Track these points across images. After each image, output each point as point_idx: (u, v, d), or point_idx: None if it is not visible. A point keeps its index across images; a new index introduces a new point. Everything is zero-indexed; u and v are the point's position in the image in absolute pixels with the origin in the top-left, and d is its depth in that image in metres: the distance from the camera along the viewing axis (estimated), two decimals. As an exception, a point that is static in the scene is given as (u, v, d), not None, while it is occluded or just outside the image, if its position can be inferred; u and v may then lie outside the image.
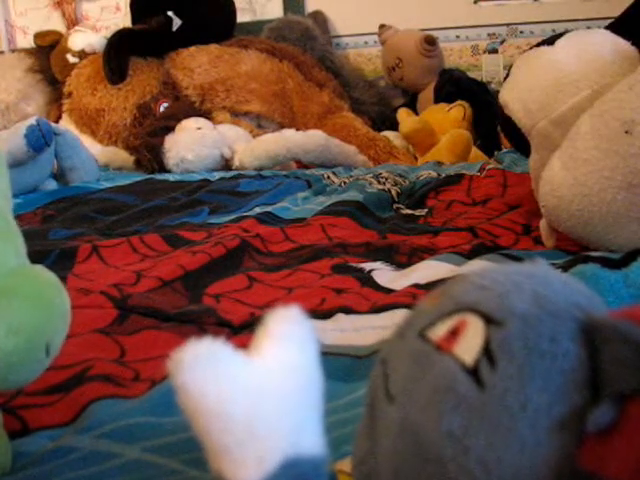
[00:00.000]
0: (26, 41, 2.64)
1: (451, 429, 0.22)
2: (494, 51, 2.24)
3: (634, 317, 0.22)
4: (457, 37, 2.26)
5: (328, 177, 1.43)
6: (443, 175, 1.31)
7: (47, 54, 2.23)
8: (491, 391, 0.22)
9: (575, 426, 0.21)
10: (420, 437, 0.23)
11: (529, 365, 0.22)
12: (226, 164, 1.70)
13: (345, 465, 0.31)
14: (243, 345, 0.24)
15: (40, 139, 1.31)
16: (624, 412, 0.20)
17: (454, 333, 0.23)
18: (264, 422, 0.21)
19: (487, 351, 0.22)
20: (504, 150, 1.65)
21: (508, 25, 2.21)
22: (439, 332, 0.24)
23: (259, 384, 0.21)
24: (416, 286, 0.71)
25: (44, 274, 0.39)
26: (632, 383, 0.20)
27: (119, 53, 1.98)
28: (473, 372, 0.22)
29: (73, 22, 2.60)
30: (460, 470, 0.22)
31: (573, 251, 0.79)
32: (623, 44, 0.84)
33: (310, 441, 0.22)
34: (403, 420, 0.24)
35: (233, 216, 1.10)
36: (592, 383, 0.22)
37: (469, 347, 0.23)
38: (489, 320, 0.23)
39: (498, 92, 0.97)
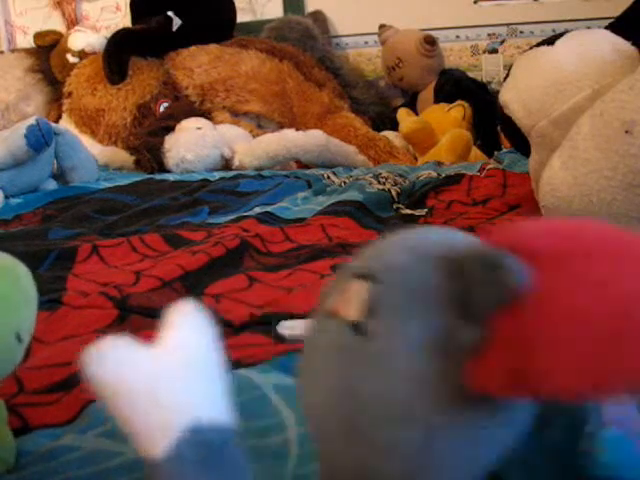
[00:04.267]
0: (26, 41, 2.64)
1: (345, 378, 0.24)
2: (494, 51, 2.24)
3: (498, 242, 0.23)
4: (457, 37, 2.26)
5: (328, 177, 1.43)
6: (443, 175, 1.31)
7: (47, 54, 2.23)
8: (375, 336, 0.24)
9: (454, 349, 0.23)
10: (332, 396, 0.25)
11: (404, 307, 0.24)
12: (226, 164, 1.70)
13: None
14: (244, 344, 0.24)
15: (40, 139, 1.31)
16: (490, 329, 0.22)
17: (343, 300, 0.26)
18: (164, 395, 0.23)
19: (369, 305, 0.25)
20: (504, 150, 1.65)
21: (508, 25, 2.21)
22: (332, 302, 0.26)
23: (157, 363, 0.23)
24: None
25: None
26: (489, 300, 0.22)
27: (119, 53, 1.98)
28: (357, 326, 0.24)
29: (73, 22, 2.60)
30: (358, 415, 0.24)
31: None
32: (623, 44, 0.84)
33: (213, 411, 0.24)
34: (303, 383, 0.26)
35: (233, 216, 1.10)
36: (462, 305, 0.23)
37: (354, 307, 0.25)
38: (367, 279, 0.25)
39: (498, 92, 0.97)
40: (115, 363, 0.23)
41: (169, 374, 0.23)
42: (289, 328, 0.61)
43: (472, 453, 0.24)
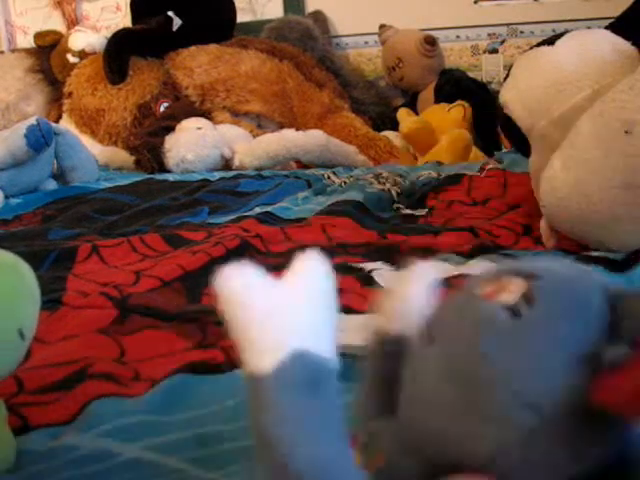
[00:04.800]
0: (26, 41, 2.64)
1: (487, 351, 0.25)
2: (494, 51, 2.24)
3: None
4: (457, 37, 2.26)
5: (328, 177, 1.43)
6: (443, 175, 1.31)
7: (47, 54, 2.22)
8: (526, 320, 0.25)
9: (593, 363, 0.25)
10: (458, 362, 0.26)
11: (563, 307, 0.25)
12: (226, 164, 1.70)
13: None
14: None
15: (40, 139, 1.31)
16: (632, 355, 0.24)
17: (499, 289, 0.27)
18: (281, 316, 0.24)
19: (526, 294, 0.26)
20: (504, 150, 1.65)
21: (508, 25, 2.21)
22: (485, 289, 0.27)
23: (281, 289, 0.25)
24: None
25: None
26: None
27: (119, 53, 1.98)
28: (512, 308, 0.26)
29: (73, 22, 2.60)
30: (486, 384, 0.25)
31: (573, 251, 0.79)
32: (623, 44, 0.84)
33: (324, 343, 0.25)
34: (442, 353, 0.27)
35: (233, 216, 1.10)
36: (611, 332, 0.25)
37: (511, 295, 0.26)
38: (529, 277, 0.27)
39: (498, 92, 0.97)
40: (245, 280, 0.24)
41: (290, 300, 0.25)
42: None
43: (560, 464, 0.25)
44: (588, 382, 0.24)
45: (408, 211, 1.14)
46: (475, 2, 2.23)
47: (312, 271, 0.26)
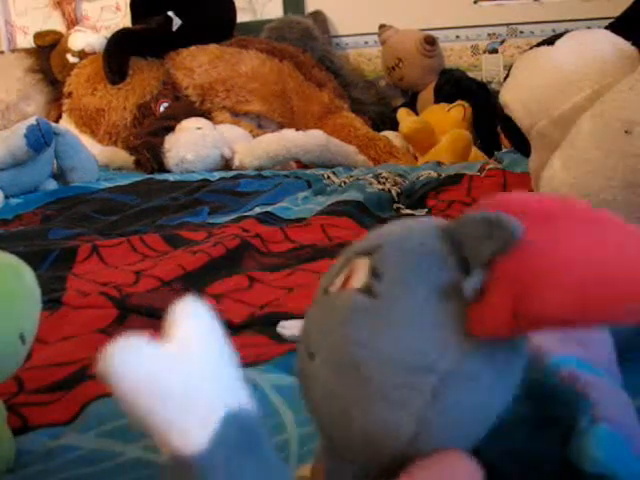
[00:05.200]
0: (26, 41, 2.64)
1: (360, 339, 0.25)
2: (494, 51, 2.24)
3: (483, 206, 0.26)
4: (457, 37, 2.26)
5: (328, 177, 1.43)
6: (443, 175, 1.31)
7: (47, 54, 2.23)
8: (383, 295, 0.26)
9: (457, 299, 0.25)
10: (340, 364, 0.26)
11: (407, 266, 0.26)
12: (226, 164, 1.70)
13: (306, 470, 0.33)
14: (244, 344, 0.24)
15: (40, 139, 1.31)
16: (490, 276, 0.24)
17: (348, 277, 0.27)
18: (198, 386, 0.23)
19: (373, 271, 0.26)
20: (504, 150, 1.65)
21: (508, 25, 2.21)
22: (338, 283, 0.28)
23: (181, 357, 0.24)
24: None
25: None
26: (486, 251, 0.24)
27: (119, 53, 1.98)
28: (364, 289, 0.26)
29: (73, 22, 2.60)
30: (373, 369, 0.25)
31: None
32: (623, 44, 0.84)
33: (241, 397, 0.24)
34: (324, 363, 0.27)
35: (233, 216, 1.10)
36: (464, 265, 0.26)
37: (360, 278, 0.27)
38: (370, 253, 0.27)
39: (498, 92, 0.97)
40: (139, 360, 0.22)
41: (197, 367, 0.24)
42: (289, 328, 0.61)
43: (477, 404, 0.25)
44: (463, 317, 0.25)
45: (408, 211, 1.14)
46: (475, 2, 2.23)
47: (195, 323, 0.25)
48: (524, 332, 0.25)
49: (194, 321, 0.25)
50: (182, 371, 0.23)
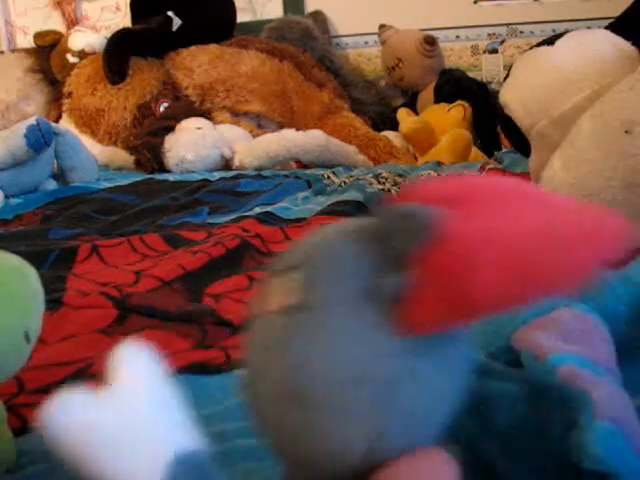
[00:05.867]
0: (26, 41, 2.64)
1: (291, 362, 0.25)
2: (494, 51, 2.24)
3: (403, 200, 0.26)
4: (457, 37, 2.26)
5: (328, 177, 1.43)
6: (443, 175, 1.31)
7: (47, 54, 2.23)
8: (311, 309, 0.25)
9: (386, 301, 0.24)
10: (276, 387, 0.25)
11: (330, 277, 0.25)
12: (226, 164, 1.70)
13: None
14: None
15: (40, 139, 1.31)
16: (416, 271, 0.24)
17: (274, 295, 0.27)
18: (140, 431, 0.23)
19: (299, 288, 0.25)
20: (504, 150, 1.65)
21: (508, 25, 2.21)
22: (266, 303, 0.27)
23: (121, 404, 0.23)
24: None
25: (1, 262, 0.37)
26: (407, 248, 0.24)
27: (119, 53, 1.98)
28: (286, 309, 0.25)
29: (73, 22, 2.60)
30: (313, 390, 0.24)
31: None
32: (623, 44, 0.84)
33: (188, 437, 0.24)
34: (265, 391, 0.26)
35: (233, 216, 1.10)
36: (390, 265, 0.25)
37: (280, 299, 0.26)
38: (294, 267, 0.26)
39: (498, 92, 0.97)
40: (74, 415, 0.22)
41: (138, 413, 0.23)
42: None
43: (426, 404, 0.25)
44: (385, 320, 0.24)
45: (408, 211, 1.14)
46: (475, 2, 2.23)
47: (136, 368, 0.24)
48: (461, 322, 0.25)
49: (134, 367, 0.25)
50: (122, 418, 0.23)
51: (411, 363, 0.24)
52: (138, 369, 0.24)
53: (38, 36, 2.28)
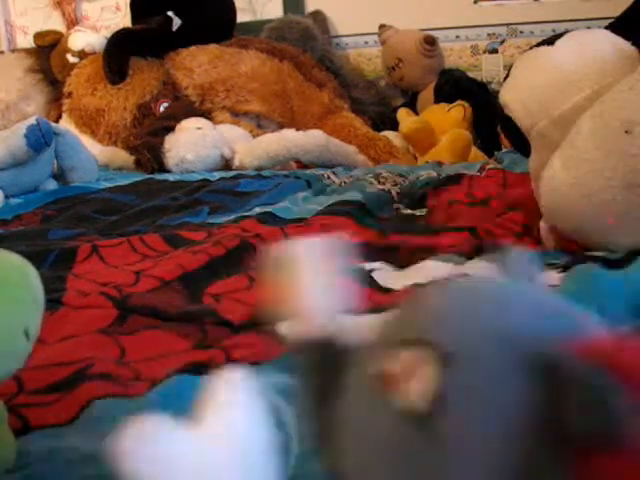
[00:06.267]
0: (26, 41, 2.64)
1: (403, 473, 0.21)
2: (494, 51, 2.24)
3: (599, 352, 0.19)
4: (457, 37, 2.26)
5: (328, 177, 1.43)
6: (443, 175, 1.31)
7: (47, 54, 2.23)
8: (441, 438, 0.21)
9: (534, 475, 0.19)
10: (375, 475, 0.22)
11: (479, 409, 0.20)
12: (226, 164, 1.70)
13: None
14: (244, 344, 0.24)
15: (40, 139, 1.31)
16: (575, 468, 0.18)
17: (406, 371, 0.22)
18: (228, 475, 0.21)
19: (437, 396, 0.21)
20: (504, 150, 1.65)
21: (508, 25, 2.21)
22: (390, 368, 0.22)
23: (201, 458, 0.21)
24: (416, 286, 0.71)
25: (2, 260, 0.37)
26: (586, 430, 0.18)
27: (119, 53, 1.98)
28: (423, 422, 0.21)
29: (73, 22, 2.60)
30: None
31: (573, 251, 0.79)
32: (623, 44, 0.84)
33: None
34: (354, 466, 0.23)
35: (233, 216, 1.10)
36: (552, 429, 0.19)
37: (420, 387, 0.21)
38: (439, 357, 0.21)
39: (498, 92, 0.97)
40: (155, 459, 0.20)
41: (219, 466, 0.21)
42: (288, 327, 0.60)
43: None
44: None
45: (408, 211, 1.14)
46: (475, 2, 2.23)
47: (236, 408, 0.22)
48: None
49: (232, 404, 0.22)
50: (200, 467, 0.21)
51: None
52: (237, 408, 0.22)
53: (38, 36, 2.28)
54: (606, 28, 0.93)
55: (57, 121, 2.00)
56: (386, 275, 0.77)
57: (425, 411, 0.21)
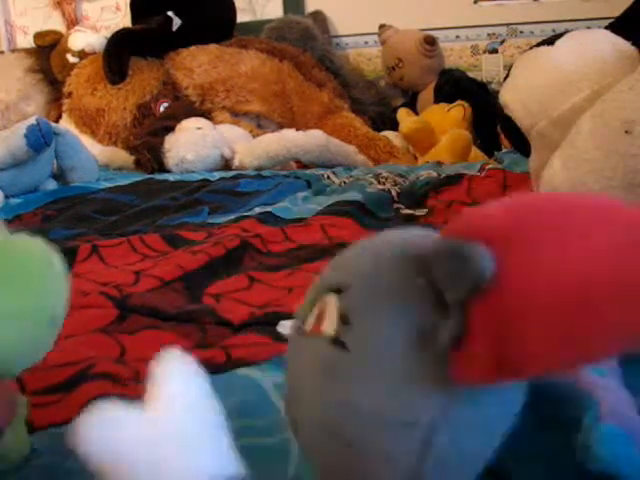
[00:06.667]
0: (26, 41, 2.64)
1: (332, 396, 0.24)
2: (494, 51, 2.24)
3: (456, 231, 0.23)
4: (457, 37, 2.26)
5: (328, 177, 1.43)
6: (443, 175, 1.31)
7: (47, 54, 2.23)
8: (354, 348, 0.24)
9: (434, 346, 0.23)
10: (314, 417, 0.24)
11: (377, 312, 0.24)
12: (226, 164, 1.70)
13: None
14: (245, 344, 0.24)
15: (40, 139, 1.31)
16: (467, 319, 0.22)
17: (319, 317, 0.26)
18: (172, 461, 0.22)
19: (342, 317, 0.25)
20: (504, 150, 1.65)
21: (508, 25, 2.21)
22: (310, 321, 0.26)
23: (155, 427, 0.22)
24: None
25: (27, 245, 0.37)
26: (461, 291, 0.22)
27: (119, 53, 1.98)
28: (336, 340, 0.24)
29: (73, 22, 2.60)
30: (352, 430, 0.23)
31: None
32: (623, 44, 0.84)
33: (223, 464, 0.23)
34: (305, 419, 0.25)
35: (233, 216, 1.10)
36: (440, 303, 0.23)
37: (329, 323, 0.25)
38: (337, 292, 0.25)
39: (498, 92, 0.97)
40: (111, 434, 0.21)
41: (171, 438, 0.22)
42: (289, 328, 0.61)
43: (470, 450, 0.24)
44: (442, 364, 0.23)
45: (408, 211, 1.14)
46: (475, 2, 2.23)
47: (178, 382, 0.23)
48: (509, 380, 0.23)
49: (174, 378, 0.23)
50: (152, 441, 0.22)
51: (456, 410, 0.23)
52: (179, 381, 0.23)
53: (38, 36, 2.28)
54: (606, 28, 0.94)
55: (57, 121, 2.00)
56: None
57: (336, 333, 0.24)
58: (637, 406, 0.32)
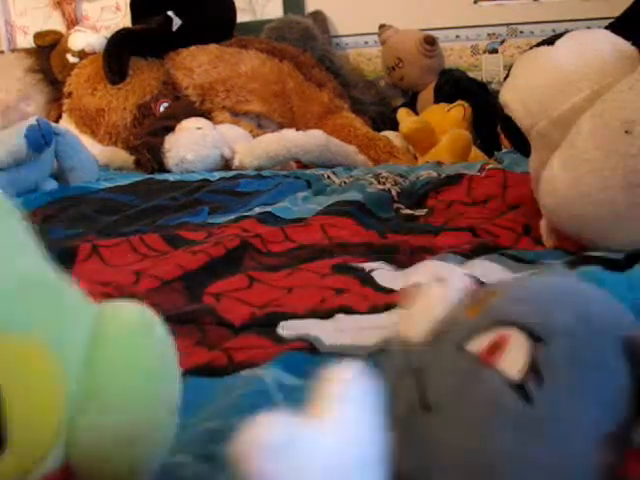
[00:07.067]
0: (26, 41, 2.64)
1: (503, 447, 0.22)
2: (494, 51, 2.24)
3: None
4: (457, 37, 2.26)
5: (328, 177, 1.43)
6: (443, 175, 1.31)
7: (47, 54, 2.23)
8: (539, 406, 0.22)
9: (621, 440, 0.21)
10: (472, 456, 0.23)
11: (577, 382, 0.22)
12: (226, 164, 1.70)
13: None
14: (245, 344, 0.24)
15: (40, 139, 1.31)
16: None
17: (495, 347, 0.23)
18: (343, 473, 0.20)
19: (533, 367, 0.22)
20: (504, 150, 1.65)
21: (508, 25, 2.21)
22: (479, 346, 0.24)
23: (329, 458, 0.20)
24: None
25: (126, 320, 0.30)
26: None
27: (119, 53, 1.98)
28: (519, 387, 0.22)
29: (73, 22, 2.60)
30: (508, 476, 0.22)
31: (573, 251, 0.79)
32: (623, 44, 0.84)
33: None
34: (450, 437, 0.23)
35: (233, 216, 1.10)
36: (636, 399, 0.22)
37: (513, 362, 0.23)
38: (532, 336, 0.23)
39: (498, 92, 0.97)
40: (299, 460, 0.19)
41: (356, 471, 0.21)
42: (289, 329, 0.61)
43: None
44: (617, 460, 0.22)
45: (408, 211, 1.14)
46: (475, 2, 2.23)
47: (354, 406, 0.21)
48: None
49: (352, 405, 0.21)
50: (330, 455, 0.20)
51: None
52: (358, 410, 0.21)
53: (38, 36, 2.28)
54: (606, 28, 0.94)
55: (57, 121, 2.00)
56: (386, 275, 0.77)
57: (521, 381, 0.22)
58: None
